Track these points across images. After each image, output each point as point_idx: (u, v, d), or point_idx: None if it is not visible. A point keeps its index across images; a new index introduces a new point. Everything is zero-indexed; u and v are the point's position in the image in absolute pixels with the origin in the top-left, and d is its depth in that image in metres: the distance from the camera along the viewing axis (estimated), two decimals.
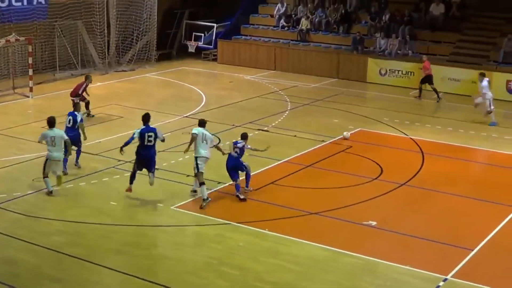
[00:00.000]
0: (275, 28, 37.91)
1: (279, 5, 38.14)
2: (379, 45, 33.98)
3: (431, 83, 29.36)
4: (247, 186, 18.03)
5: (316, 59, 34.76)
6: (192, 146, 17.60)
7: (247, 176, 17.99)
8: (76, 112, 19.82)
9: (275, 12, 38.24)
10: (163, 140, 17.73)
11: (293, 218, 16.44)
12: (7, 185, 18.05)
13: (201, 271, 13.86)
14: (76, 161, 19.62)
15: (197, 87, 29.85)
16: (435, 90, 29.29)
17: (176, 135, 22.92)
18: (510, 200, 17.85)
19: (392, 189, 18.46)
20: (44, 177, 17.50)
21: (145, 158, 17.23)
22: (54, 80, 31.86)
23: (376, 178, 19.26)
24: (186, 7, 40.29)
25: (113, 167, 19.60)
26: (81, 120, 19.66)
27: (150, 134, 17.23)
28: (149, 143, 17.22)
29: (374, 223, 16.16)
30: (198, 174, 17.27)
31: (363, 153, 21.42)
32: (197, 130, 17.64)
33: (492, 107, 25.66)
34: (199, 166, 17.23)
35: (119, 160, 19.99)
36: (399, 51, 33.49)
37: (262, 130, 23.84)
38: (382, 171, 19.84)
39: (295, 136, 23.22)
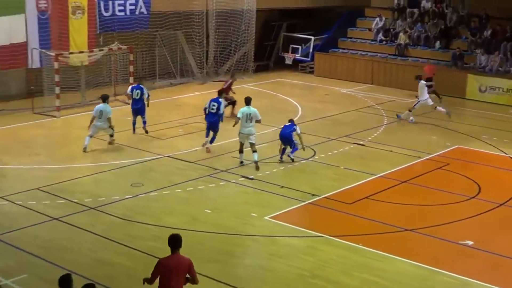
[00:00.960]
0: (372, 42, 37.67)
1: (377, 19, 37.91)
2: (480, 61, 33.26)
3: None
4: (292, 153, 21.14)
5: (413, 74, 34.17)
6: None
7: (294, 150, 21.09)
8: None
9: (373, 26, 38.01)
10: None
11: (387, 234, 16.23)
12: (106, 189, 18.53)
13: (293, 282, 13.84)
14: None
15: (293, 99, 29.93)
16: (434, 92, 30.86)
17: (272, 146, 23.02)
18: None
19: (490, 208, 17.98)
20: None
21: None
22: (153, 88, 32.48)
23: (473, 197, 18.81)
24: (284, 19, 40.54)
25: (208, 175, 19.84)
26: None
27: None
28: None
29: (470, 242, 15.78)
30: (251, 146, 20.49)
31: (461, 170, 20.97)
32: (242, 111, 20.67)
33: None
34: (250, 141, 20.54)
35: (215, 169, 20.25)
36: (500, 68, 32.69)
37: (358, 144, 23.67)
38: (479, 190, 19.36)
39: (391, 151, 22.96)
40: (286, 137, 21.25)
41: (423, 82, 27.52)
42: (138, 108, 24.39)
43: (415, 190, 19.41)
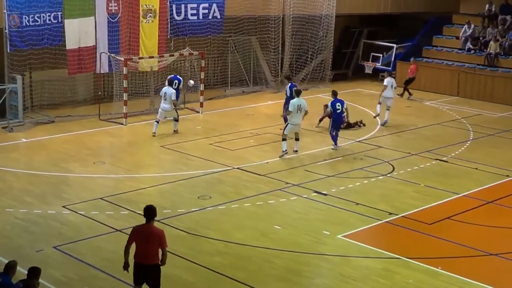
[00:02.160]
0: (460, 51, 37.10)
1: (465, 26, 37.34)
2: None
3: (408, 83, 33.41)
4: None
5: (504, 86, 33.70)
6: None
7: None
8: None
9: (461, 34, 37.46)
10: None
11: (469, 258, 15.92)
12: (172, 201, 18.74)
13: None
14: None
15: (372, 111, 29.70)
16: (406, 89, 33.50)
17: (348, 159, 22.94)
18: None
19: None
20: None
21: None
22: (225, 96, 32.85)
23: None
24: (365, 26, 40.38)
25: (279, 189, 19.86)
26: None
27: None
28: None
29: None
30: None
31: None
32: (293, 102, 22.81)
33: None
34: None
35: (287, 183, 20.26)
36: None
37: (441, 160, 23.33)
38: None
39: (476, 168, 22.54)
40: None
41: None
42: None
43: (501, 211, 19.00)
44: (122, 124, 26.78)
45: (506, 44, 35.67)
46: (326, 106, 25.29)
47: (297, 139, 23.28)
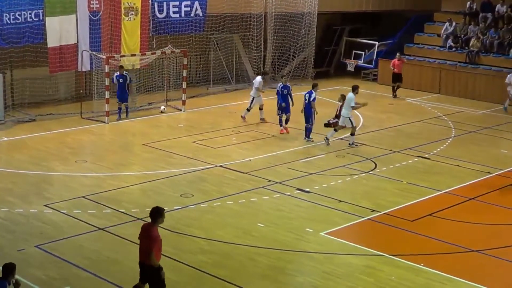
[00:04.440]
0: (441, 49, 37.25)
1: (447, 24, 37.48)
2: None
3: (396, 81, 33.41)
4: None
5: (485, 83, 33.87)
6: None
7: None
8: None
9: (442, 32, 37.59)
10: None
11: (451, 254, 15.99)
12: (154, 199, 18.66)
13: None
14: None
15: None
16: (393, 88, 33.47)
17: (330, 157, 22.99)
18: None
19: None
20: None
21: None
22: (207, 94, 32.81)
23: None
24: (347, 23, 40.45)
25: (262, 187, 19.86)
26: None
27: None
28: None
29: None
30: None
31: None
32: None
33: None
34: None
35: (269, 181, 20.27)
36: None
37: (423, 157, 23.42)
38: None
39: (458, 165, 22.65)
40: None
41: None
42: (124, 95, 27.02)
43: (483, 208, 19.08)
44: (104, 122, 26.69)
45: (487, 42, 35.84)
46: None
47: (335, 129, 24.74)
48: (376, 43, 38.45)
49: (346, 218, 17.85)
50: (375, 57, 38.08)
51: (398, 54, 34.96)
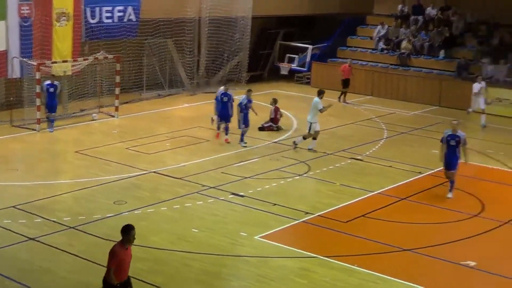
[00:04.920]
0: (374, 51, 37.80)
1: (379, 27, 38.05)
2: (486, 71, 33.33)
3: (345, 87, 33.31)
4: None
5: (416, 84, 34.48)
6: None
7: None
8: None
9: (374, 34, 38.15)
10: None
11: (384, 254, 16.21)
12: (87, 207, 18.49)
13: None
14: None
15: (288, 112, 29.94)
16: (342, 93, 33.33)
17: (264, 160, 23.09)
18: None
19: (494, 227, 17.98)
20: None
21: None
22: (140, 100, 32.61)
23: (476, 215, 18.82)
24: (281, 27, 40.67)
25: (196, 192, 19.84)
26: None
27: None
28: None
29: (472, 263, 15.76)
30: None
31: (464, 187, 20.95)
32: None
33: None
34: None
35: (204, 186, 20.26)
36: (507, 78, 32.78)
37: (356, 159, 23.71)
38: (483, 207, 19.38)
39: (390, 166, 23.00)
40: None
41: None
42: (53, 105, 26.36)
43: (415, 207, 19.40)
44: (35, 130, 26.29)
45: (417, 44, 36.49)
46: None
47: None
48: (310, 46, 38.77)
49: (281, 221, 17.94)
50: (308, 60, 38.36)
51: (349, 60, 35.10)
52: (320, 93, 24.72)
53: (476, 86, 29.18)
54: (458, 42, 36.09)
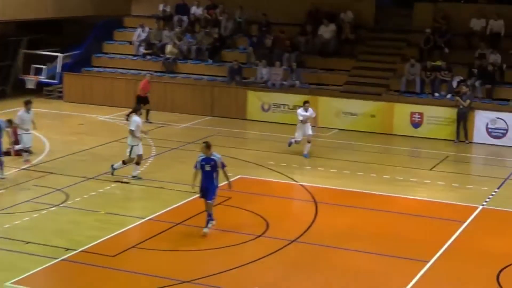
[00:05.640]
0: (135, 58, 37.80)
1: (139, 29, 38.11)
2: (261, 75, 34.37)
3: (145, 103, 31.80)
4: None
5: (185, 93, 34.80)
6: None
7: None
8: None
9: (134, 38, 38.14)
10: None
11: None
12: None
13: None
14: None
15: (37, 132, 29.10)
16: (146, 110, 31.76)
17: (13, 191, 22.33)
18: (420, 253, 18.11)
19: (280, 247, 18.40)
20: None
21: None
22: None
23: (261, 235, 19.20)
24: (24, 34, 39.57)
25: None
26: None
27: None
28: None
29: None
30: None
31: (244, 205, 21.38)
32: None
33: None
34: None
35: None
36: (284, 82, 33.95)
37: (121, 182, 23.48)
38: (268, 226, 19.82)
39: (161, 188, 23.01)
40: None
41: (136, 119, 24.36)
42: None
43: (192, 232, 19.43)
44: None
45: (184, 47, 36.89)
46: None
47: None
48: (60, 55, 38.08)
49: (36, 261, 17.30)
50: (59, 71, 37.63)
51: (148, 74, 34.19)
52: (137, 111, 24.81)
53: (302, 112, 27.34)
54: (228, 44, 36.92)
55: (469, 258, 18.09)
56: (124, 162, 24.06)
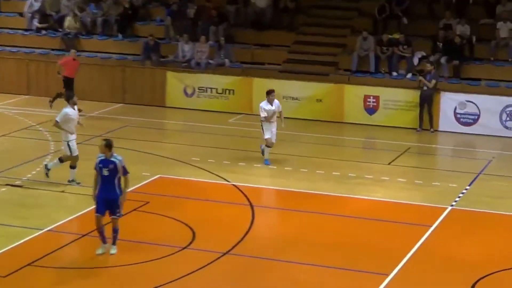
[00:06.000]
0: (26, 33, 37.42)
1: None
2: (182, 52, 34.30)
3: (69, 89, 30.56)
4: None
5: (90, 75, 34.51)
6: None
7: None
8: None
9: (26, 9, 37.75)
10: None
11: None
12: None
13: None
14: None
15: None
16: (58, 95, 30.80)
17: None
18: (379, 266, 18.27)
19: (210, 261, 18.41)
20: None
21: None
22: None
23: (186, 247, 19.20)
24: None
25: None
26: None
27: None
28: None
29: None
30: None
31: (165, 211, 21.38)
32: None
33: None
34: None
35: None
36: (211, 61, 33.94)
37: (13, 185, 23.27)
38: (194, 235, 19.84)
39: (63, 191, 22.89)
40: None
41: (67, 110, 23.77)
42: None
43: (97, 245, 19.30)
44: None
45: (87, 20, 36.60)
46: None
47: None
48: None
49: None
50: None
51: (73, 51, 33.20)
52: (70, 98, 23.91)
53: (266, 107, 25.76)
54: (142, 15, 36.76)
55: (437, 269, 18.32)
56: (60, 160, 23.92)
